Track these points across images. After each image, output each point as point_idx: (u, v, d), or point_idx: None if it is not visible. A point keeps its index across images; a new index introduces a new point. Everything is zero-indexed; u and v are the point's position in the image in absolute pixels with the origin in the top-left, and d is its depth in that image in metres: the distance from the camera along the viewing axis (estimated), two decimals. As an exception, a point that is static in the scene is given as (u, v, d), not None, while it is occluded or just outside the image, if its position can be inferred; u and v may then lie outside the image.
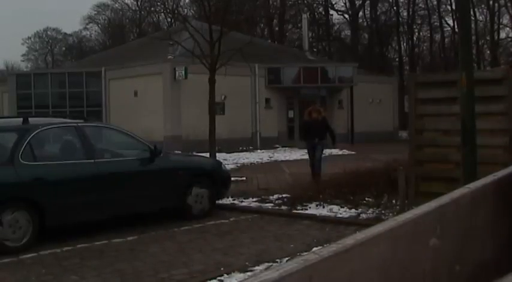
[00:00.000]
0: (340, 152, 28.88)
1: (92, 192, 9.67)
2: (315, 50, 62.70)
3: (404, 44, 66.73)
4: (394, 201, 11.41)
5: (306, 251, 7.02)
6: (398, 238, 1.08)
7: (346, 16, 66.28)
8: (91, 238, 9.38)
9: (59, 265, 8.12)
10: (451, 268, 1.30)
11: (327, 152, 28.52)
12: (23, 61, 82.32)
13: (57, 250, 8.79)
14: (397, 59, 67.40)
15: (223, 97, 30.65)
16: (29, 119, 9.85)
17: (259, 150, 32.06)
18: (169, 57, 32.49)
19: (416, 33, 65.98)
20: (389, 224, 1.11)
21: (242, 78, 31.77)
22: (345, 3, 65.36)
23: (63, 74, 39.95)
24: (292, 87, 36.47)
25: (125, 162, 10.48)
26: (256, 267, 7.67)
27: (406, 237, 1.11)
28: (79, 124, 10.31)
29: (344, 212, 11.37)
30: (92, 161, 9.83)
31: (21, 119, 9.85)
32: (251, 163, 24.70)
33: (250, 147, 33.15)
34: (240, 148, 31.87)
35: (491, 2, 58.37)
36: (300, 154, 26.35)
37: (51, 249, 8.82)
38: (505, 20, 59.79)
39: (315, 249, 0.96)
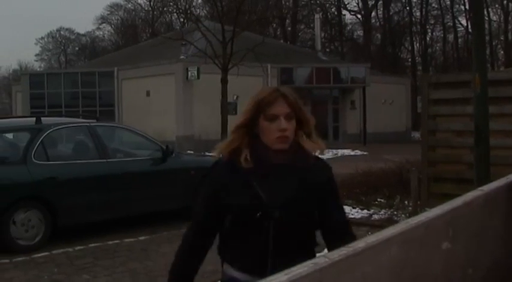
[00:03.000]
0: (352, 153, 28.87)
1: (104, 192, 9.69)
2: (327, 50, 62.63)
3: (417, 44, 66.58)
4: (406, 202, 11.38)
5: (318, 252, 7.00)
6: (410, 241, 1.07)
7: (359, 16, 66.27)
8: (103, 237, 9.40)
9: (71, 264, 8.14)
10: (463, 271, 1.28)
11: (339, 152, 28.65)
12: (37, 61, 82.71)
13: (69, 249, 8.82)
14: (409, 60, 67.23)
15: (235, 97, 30.71)
16: (42, 118, 9.88)
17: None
18: (182, 57, 32.56)
19: (429, 34, 65.85)
20: (401, 227, 1.09)
21: (254, 78, 31.78)
22: (358, 3, 65.38)
23: (76, 74, 40.12)
24: (305, 88, 36.44)
25: (137, 162, 10.49)
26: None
27: (418, 240, 1.10)
28: (91, 124, 10.33)
29: (356, 213, 11.34)
30: (104, 160, 9.86)
31: (34, 119, 9.89)
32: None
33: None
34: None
35: (505, 2, 58.15)
36: (312, 154, 26.28)
37: (63, 248, 8.85)
38: (519, 20, 59.52)
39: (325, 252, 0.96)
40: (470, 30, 47.30)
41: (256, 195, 2.60)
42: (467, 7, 53.67)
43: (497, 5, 59.67)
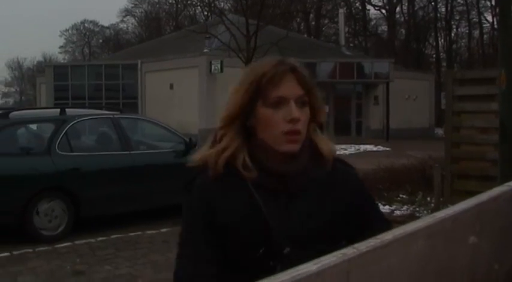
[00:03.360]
0: (375, 148, 28.79)
1: (127, 184, 9.75)
2: (351, 45, 62.47)
3: (442, 40, 66.20)
4: (428, 198, 11.32)
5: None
6: (436, 234, 1.07)
7: (383, 11, 65.99)
8: (125, 229, 9.46)
9: (93, 255, 8.21)
10: (489, 266, 1.28)
11: (361, 147, 28.58)
12: (61, 53, 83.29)
13: (91, 240, 8.89)
14: (434, 56, 66.84)
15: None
16: (66, 110, 9.96)
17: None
18: (205, 50, 32.63)
19: (455, 30, 65.42)
20: (428, 220, 1.09)
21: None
22: (382, -2, 65.04)
23: (100, 66, 40.37)
24: (328, 82, 36.35)
25: (160, 154, 10.53)
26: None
27: (444, 233, 1.10)
28: (115, 116, 10.40)
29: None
30: (128, 152, 9.92)
31: (58, 110, 9.97)
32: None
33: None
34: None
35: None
36: (334, 149, 26.26)
37: (85, 239, 8.92)
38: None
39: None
40: (496, 26, 46.93)
41: (262, 223, 1.78)
42: (493, 3, 53.29)
43: (524, 1, 59.03)
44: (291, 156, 1.81)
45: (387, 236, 0.98)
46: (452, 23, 64.13)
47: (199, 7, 61.79)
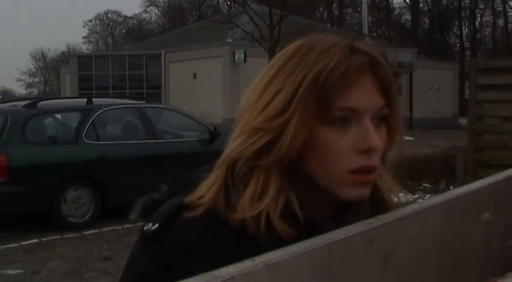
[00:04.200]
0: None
1: (153, 172, 9.88)
2: (374, 34, 62.14)
3: (466, 29, 65.66)
4: (451, 187, 11.35)
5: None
6: (452, 209, 1.16)
7: (407, 0, 65.53)
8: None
9: (120, 241, 8.37)
10: (503, 242, 1.37)
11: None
12: (84, 43, 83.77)
13: (118, 227, 9.06)
14: (458, 45, 66.33)
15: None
16: (93, 99, 10.12)
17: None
18: (229, 40, 32.72)
19: (479, 18, 64.86)
20: (444, 196, 1.19)
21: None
22: (406, -13, 64.65)
23: (124, 56, 40.61)
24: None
25: (185, 143, 10.66)
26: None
27: (459, 209, 1.19)
28: (141, 105, 10.55)
29: (401, 197, 11.34)
30: (153, 141, 10.06)
31: (85, 99, 10.13)
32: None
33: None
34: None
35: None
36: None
37: (112, 226, 9.09)
38: None
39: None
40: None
41: None
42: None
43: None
44: (349, 205, 1.18)
45: (407, 209, 1.08)
46: (477, 11, 63.60)
47: (222, -3, 61.84)
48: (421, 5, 65.42)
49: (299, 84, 1.12)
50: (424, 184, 12.13)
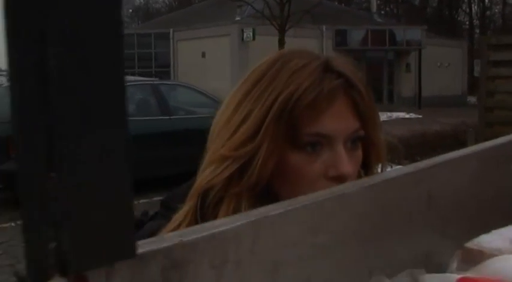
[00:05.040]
0: (407, 116, 28.76)
1: (168, 148, 10.01)
2: (382, 12, 61.83)
3: (475, 6, 65.21)
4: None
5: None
6: (487, 159, 1.28)
7: (416, -22, 65.11)
8: (166, 192, 9.72)
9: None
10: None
11: (393, 115, 28.56)
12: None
13: (134, 202, 9.17)
14: (467, 22, 65.95)
15: (290, 59, 30.78)
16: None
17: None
18: (237, 18, 32.67)
19: (488, -4, 64.41)
20: (479, 146, 1.31)
21: (309, 40, 31.72)
22: (415, -35, 64.19)
23: (132, 35, 40.55)
24: (360, 50, 36.20)
25: (199, 119, 10.77)
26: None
27: (490, 159, 1.30)
28: (154, 82, 10.67)
29: None
30: (167, 117, 10.18)
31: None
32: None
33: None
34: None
35: None
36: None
37: (128, 201, 9.21)
38: None
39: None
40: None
41: None
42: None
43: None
44: None
45: (448, 155, 1.19)
46: (486, -12, 63.21)
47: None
48: (430, -18, 65.06)
49: (269, 108, 1.10)
50: (434, 160, 12.22)
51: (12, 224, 8.40)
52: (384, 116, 27.20)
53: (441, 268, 1.04)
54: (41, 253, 0.52)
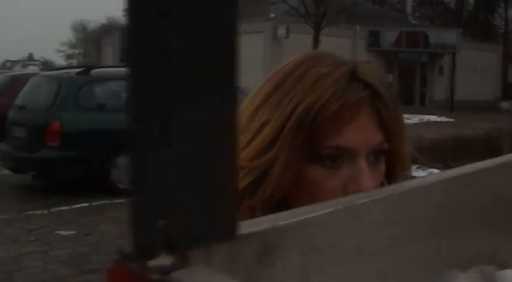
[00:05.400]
0: (438, 119, 28.55)
1: (199, 142, 10.05)
2: (417, 14, 61.44)
3: (512, 11, 64.49)
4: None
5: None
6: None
7: (452, -20, 64.57)
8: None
9: (168, 208, 8.56)
10: None
11: (425, 118, 28.38)
12: (124, 16, 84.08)
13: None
14: (503, 27, 65.25)
15: (322, 58, 30.68)
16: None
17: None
18: (271, 15, 32.66)
19: (525, 0, 63.64)
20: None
21: (342, 40, 31.61)
22: (451, -33, 63.66)
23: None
24: (393, 51, 36.00)
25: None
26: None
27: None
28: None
29: None
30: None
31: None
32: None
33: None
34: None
35: None
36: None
37: (160, 193, 9.28)
38: None
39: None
40: None
41: None
42: None
43: None
44: None
45: (506, 157, 1.18)
46: (523, -7, 62.44)
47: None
48: (466, -15, 64.48)
49: (287, 117, 1.03)
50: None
51: (45, 211, 8.49)
52: (415, 119, 27.05)
53: (505, 266, 1.03)
54: (149, 230, 0.53)
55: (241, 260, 0.60)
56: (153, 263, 0.52)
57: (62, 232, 7.56)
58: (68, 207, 8.66)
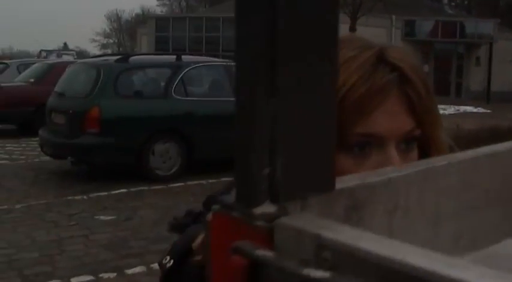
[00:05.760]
0: (475, 110, 28.24)
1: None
2: (453, 3, 60.73)
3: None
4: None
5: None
6: None
7: (489, -31, 63.64)
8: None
9: (205, 195, 8.52)
10: None
11: (461, 108, 28.11)
12: (158, 6, 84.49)
13: (202, 181, 9.30)
14: (541, 17, 64.22)
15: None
16: (182, 56, 10.36)
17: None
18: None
19: None
20: None
21: (378, 30, 31.32)
22: (489, -44, 62.72)
23: (201, 19, 40.83)
24: (429, 41, 35.66)
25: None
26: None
27: None
28: (228, 63, 10.72)
29: None
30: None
31: (174, 56, 10.37)
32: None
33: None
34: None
35: None
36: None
37: (197, 180, 9.35)
38: None
39: None
40: None
41: None
42: None
43: None
44: None
45: None
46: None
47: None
48: (504, -26, 63.48)
49: None
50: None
51: (84, 197, 8.60)
52: (451, 109, 26.82)
53: None
54: (254, 178, 0.54)
55: (332, 215, 0.61)
56: (257, 210, 0.54)
57: (102, 217, 7.66)
58: (106, 193, 8.76)
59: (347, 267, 0.47)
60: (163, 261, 1.11)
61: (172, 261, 1.08)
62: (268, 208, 0.54)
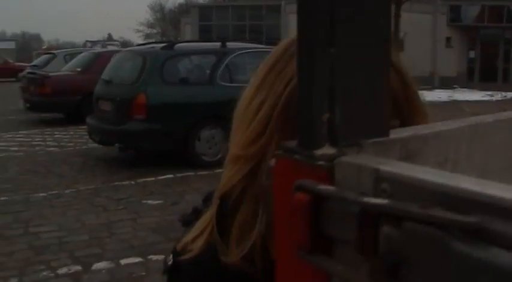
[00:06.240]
0: (521, 96, 27.83)
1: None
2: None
3: None
4: None
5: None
6: None
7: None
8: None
9: (249, 180, 8.67)
10: None
11: (508, 94, 27.67)
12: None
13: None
14: None
15: (402, 34, 30.27)
16: (226, 43, 10.42)
17: (436, 90, 31.30)
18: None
19: None
20: None
21: (423, 16, 31.06)
22: None
23: (243, 7, 40.88)
24: (475, 27, 35.14)
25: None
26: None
27: None
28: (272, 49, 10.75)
29: None
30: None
31: (219, 43, 10.43)
32: (429, 101, 24.25)
33: (428, 86, 32.49)
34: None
35: None
36: (480, 95, 25.65)
37: (242, 166, 9.41)
38: None
39: None
40: None
41: None
42: None
43: None
44: None
45: None
46: None
47: None
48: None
49: (278, 98, 0.95)
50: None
51: (132, 182, 8.76)
52: (498, 96, 26.45)
53: None
54: (314, 123, 0.59)
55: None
56: (318, 152, 0.58)
57: (149, 201, 7.79)
58: (153, 178, 8.90)
59: (404, 196, 0.51)
60: (167, 259, 1.14)
61: (172, 261, 1.11)
62: (328, 150, 0.58)
